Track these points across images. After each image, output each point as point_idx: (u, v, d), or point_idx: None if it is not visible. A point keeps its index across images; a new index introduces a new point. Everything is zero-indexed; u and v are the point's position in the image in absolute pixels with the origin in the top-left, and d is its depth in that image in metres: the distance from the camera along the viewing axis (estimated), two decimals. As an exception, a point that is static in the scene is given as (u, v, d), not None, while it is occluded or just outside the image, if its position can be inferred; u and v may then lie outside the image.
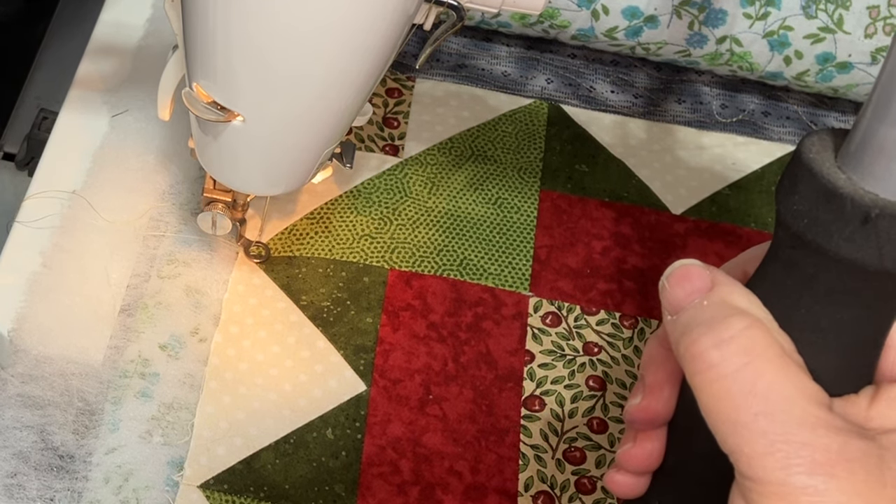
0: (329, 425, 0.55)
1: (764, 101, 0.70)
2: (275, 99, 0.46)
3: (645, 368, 0.41)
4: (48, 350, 0.55)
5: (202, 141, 0.52)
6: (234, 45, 0.44)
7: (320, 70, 0.45)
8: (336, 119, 0.49)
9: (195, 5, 0.44)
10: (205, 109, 0.47)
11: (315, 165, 0.53)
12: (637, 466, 0.40)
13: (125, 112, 0.64)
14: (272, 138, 0.49)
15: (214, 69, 0.46)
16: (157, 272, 0.59)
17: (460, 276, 0.60)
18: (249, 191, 0.55)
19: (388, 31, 0.44)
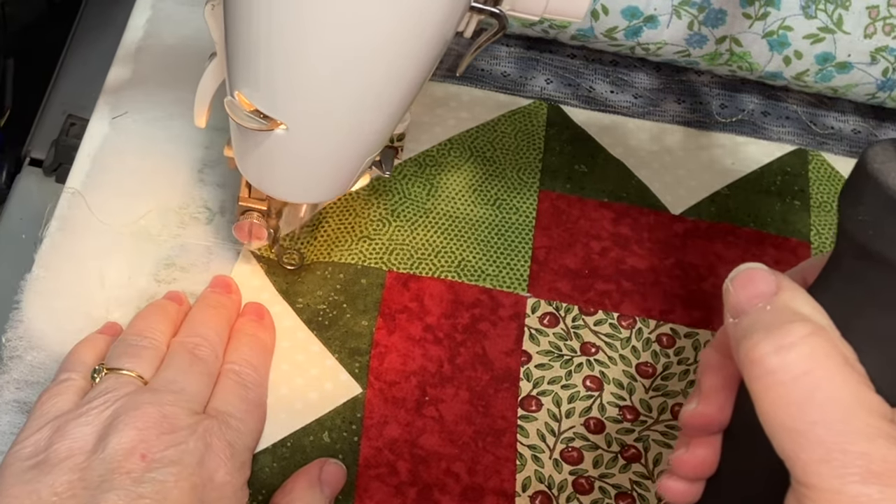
0: (325, 429, 0.55)
1: (763, 101, 0.70)
2: (319, 107, 0.46)
3: (701, 374, 0.40)
4: (42, 356, 0.56)
5: (242, 149, 0.52)
6: (278, 53, 0.44)
7: (365, 78, 0.44)
8: (379, 127, 0.49)
9: (238, 13, 0.44)
10: (247, 118, 0.47)
11: (357, 173, 0.53)
12: (690, 473, 0.40)
13: (125, 114, 0.64)
14: (315, 147, 0.49)
15: (257, 77, 0.46)
16: (155, 276, 0.59)
17: (458, 278, 0.61)
18: (291, 199, 0.54)
19: (433, 39, 0.43)
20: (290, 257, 0.60)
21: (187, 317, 0.55)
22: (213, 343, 0.54)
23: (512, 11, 0.46)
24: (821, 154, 0.69)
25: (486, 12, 0.45)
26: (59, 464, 0.46)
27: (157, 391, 0.49)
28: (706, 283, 0.63)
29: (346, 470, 0.53)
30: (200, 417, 0.49)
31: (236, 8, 0.44)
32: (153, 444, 0.47)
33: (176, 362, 0.52)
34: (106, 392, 0.49)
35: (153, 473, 0.46)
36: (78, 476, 0.45)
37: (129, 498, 0.44)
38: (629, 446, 0.57)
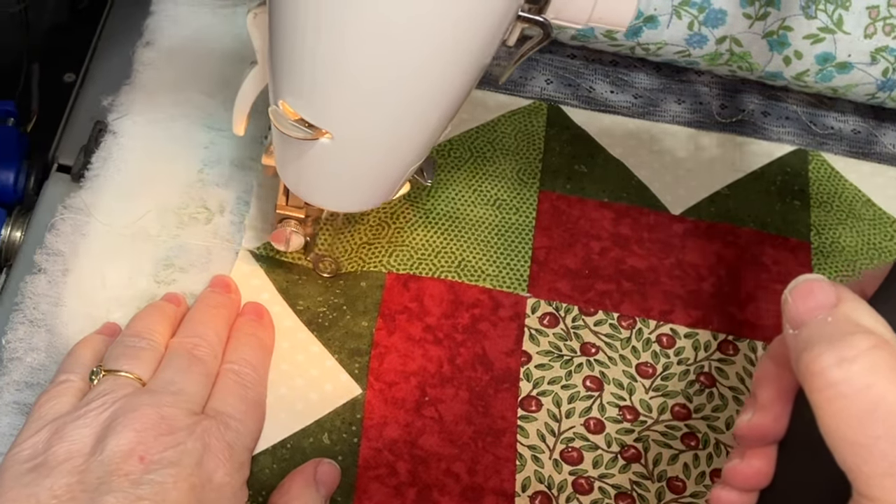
0: (325, 430, 0.55)
1: (763, 101, 0.70)
2: (365, 117, 0.46)
3: (757, 385, 0.40)
4: (42, 358, 0.56)
5: (285, 157, 0.52)
6: (324, 62, 0.43)
7: (412, 88, 0.44)
8: (425, 136, 0.49)
9: (284, 23, 0.44)
10: (292, 127, 0.47)
11: (401, 181, 0.53)
12: (744, 483, 0.40)
13: (125, 116, 0.64)
14: (361, 156, 0.49)
15: (303, 86, 0.45)
16: (154, 276, 0.59)
17: (458, 278, 0.61)
18: (334, 208, 0.54)
19: (480, 49, 0.43)
20: (326, 265, 0.60)
21: (186, 317, 0.55)
22: (212, 343, 0.54)
23: (556, 20, 0.46)
24: (821, 154, 0.69)
25: (531, 21, 0.45)
26: (57, 466, 0.46)
27: (155, 392, 0.49)
28: (706, 283, 0.63)
29: (340, 469, 0.54)
30: (199, 418, 0.49)
31: (282, 17, 0.43)
32: (151, 445, 0.47)
33: (174, 363, 0.52)
34: (104, 394, 0.49)
35: (152, 475, 0.46)
36: (76, 479, 0.45)
37: (128, 500, 0.44)
38: (629, 446, 0.57)
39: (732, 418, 0.58)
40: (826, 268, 0.64)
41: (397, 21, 0.41)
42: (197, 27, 0.68)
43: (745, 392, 0.59)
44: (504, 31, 0.44)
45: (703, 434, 0.58)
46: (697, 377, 0.59)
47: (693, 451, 0.57)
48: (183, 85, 0.66)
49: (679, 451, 0.57)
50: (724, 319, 0.61)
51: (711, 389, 0.59)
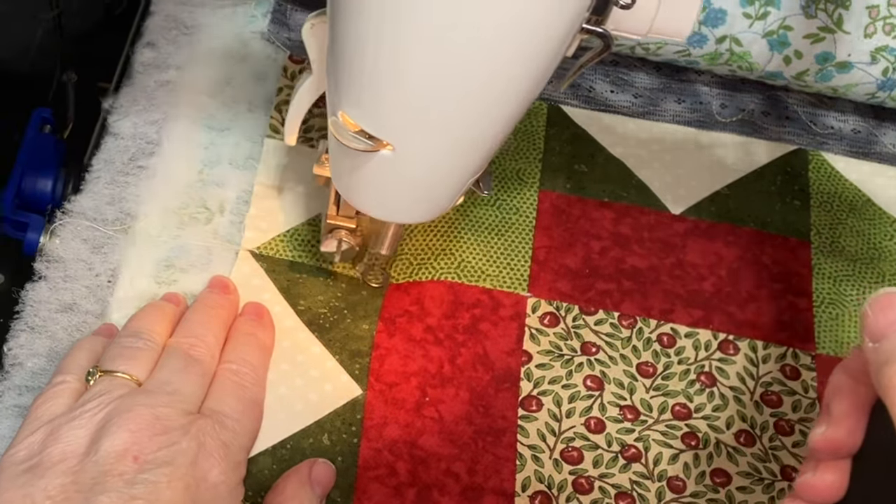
0: (325, 431, 0.55)
1: (763, 100, 0.70)
2: (427, 128, 0.46)
3: (831, 398, 0.40)
4: (43, 362, 0.56)
5: (343, 168, 0.52)
6: (387, 73, 0.43)
7: (476, 100, 0.44)
8: (487, 146, 0.48)
9: (345, 33, 0.43)
10: (352, 138, 0.46)
11: (460, 192, 0.53)
12: (817, 497, 0.39)
13: (125, 118, 0.64)
14: (422, 167, 0.49)
15: (364, 97, 0.45)
16: (155, 277, 0.59)
17: (458, 279, 0.61)
18: (393, 219, 0.54)
19: (545, 60, 0.43)
20: (375, 275, 0.60)
21: (184, 317, 0.55)
22: (209, 343, 0.54)
23: (616, 31, 0.46)
24: (821, 154, 0.69)
25: (592, 32, 0.44)
26: (52, 467, 0.46)
27: (150, 392, 0.49)
28: (706, 283, 0.63)
29: (335, 469, 0.54)
30: (194, 417, 0.49)
31: (344, 27, 0.43)
32: (145, 445, 0.47)
33: (171, 363, 0.52)
34: (99, 395, 0.49)
35: (146, 475, 0.46)
36: (71, 479, 0.45)
37: (122, 499, 0.44)
38: (629, 446, 0.57)
39: (733, 418, 0.58)
40: (826, 268, 0.64)
41: (463, 32, 0.40)
42: (197, 27, 0.68)
43: (745, 392, 0.59)
44: (569, 42, 0.44)
45: (703, 434, 0.58)
46: (698, 377, 0.59)
47: (693, 450, 0.57)
48: (183, 85, 0.66)
49: (679, 451, 0.57)
50: (725, 319, 0.61)
51: (712, 389, 0.59)
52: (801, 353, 0.61)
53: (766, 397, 0.59)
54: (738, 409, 0.59)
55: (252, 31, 0.69)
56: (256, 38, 0.69)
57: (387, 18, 0.41)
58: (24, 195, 0.63)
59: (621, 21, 0.45)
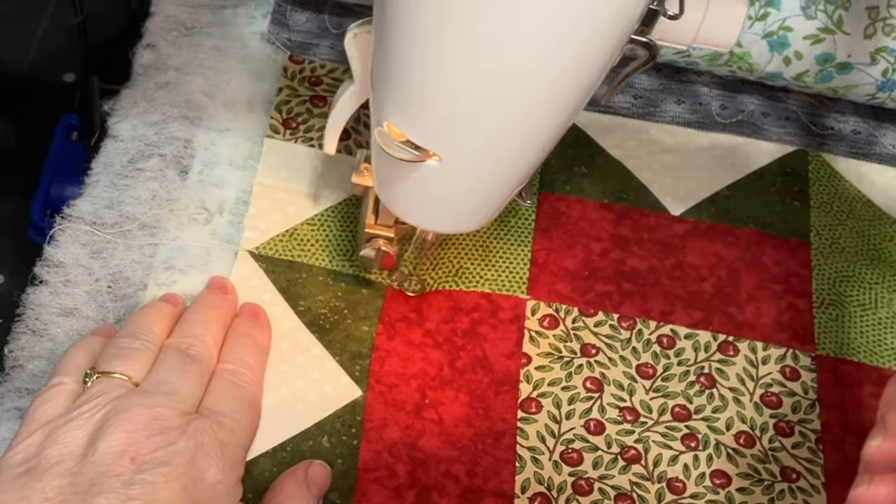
0: (325, 433, 0.55)
1: (763, 101, 0.70)
2: (476, 139, 0.46)
3: (886, 410, 0.39)
4: (44, 365, 0.56)
5: (387, 178, 0.51)
6: (435, 84, 0.43)
7: (526, 110, 0.44)
8: (533, 158, 0.48)
9: (392, 44, 0.43)
10: (399, 148, 0.46)
11: (505, 203, 0.52)
12: None
13: (124, 120, 0.64)
14: (468, 178, 0.49)
15: (411, 108, 0.45)
16: (154, 280, 0.59)
17: (456, 287, 0.61)
18: (436, 229, 0.54)
19: (594, 71, 0.43)
20: (412, 284, 0.60)
21: (182, 318, 0.55)
22: (207, 343, 0.54)
23: (661, 41, 0.46)
24: (821, 154, 0.69)
25: (637, 42, 0.44)
26: (49, 469, 0.46)
27: (147, 393, 0.49)
28: (706, 284, 0.63)
29: (330, 470, 0.54)
30: (191, 417, 0.49)
31: (390, 38, 0.43)
32: (143, 445, 0.47)
33: (168, 363, 0.52)
34: (97, 396, 0.49)
35: (143, 475, 0.46)
36: (68, 481, 0.45)
37: (120, 500, 0.45)
38: (629, 447, 0.57)
39: (732, 419, 0.58)
40: (826, 269, 0.64)
41: (515, 43, 0.40)
42: (197, 28, 0.68)
43: (745, 393, 0.59)
44: (618, 56, 0.44)
45: (703, 435, 0.58)
46: (697, 378, 0.59)
47: (693, 452, 0.57)
48: (182, 86, 0.65)
49: (679, 452, 0.57)
50: (725, 320, 0.61)
51: (712, 390, 0.59)
52: (801, 355, 0.61)
53: (766, 398, 0.59)
54: (738, 411, 0.59)
55: (252, 31, 0.69)
56: (256, 38, 0.69)
57: (436, 28, 0.41)
58: (53, 202, 0.64)
59: (666, 31, 0.45)
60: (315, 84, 0.67)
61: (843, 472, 0.57)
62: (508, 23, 0.39)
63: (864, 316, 0.63)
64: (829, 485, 0.57)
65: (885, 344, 0.62)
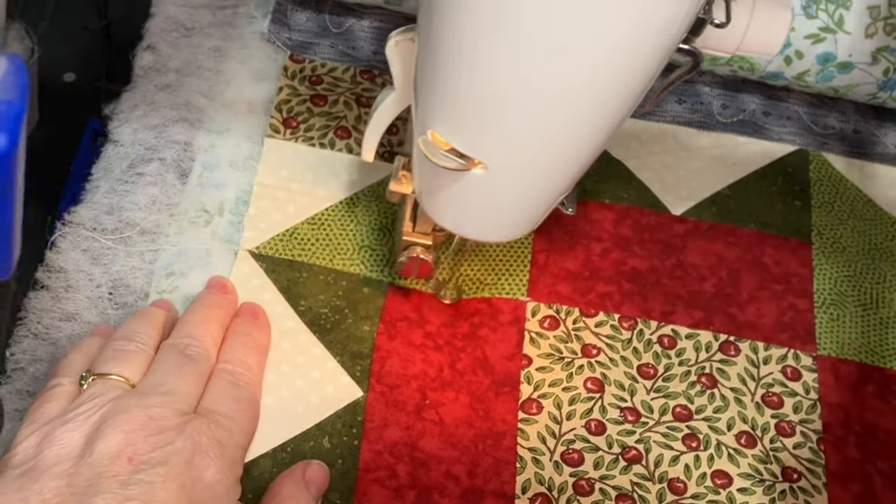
0: (326, 434, 0.55)
1: (764, 101, 0.70)
2: (522, 147, 0.45)
3: None
4: (45, 367, 0.56)
5: (430, 186, 0.51)
6: (483, 93, 0.43)
7: (574, 119, 0.44)
8: (579, 166, 0.48)
9: (438, 52, 0.43)
10: (444, 157, 0.46)
11: (549, 211, 0.52)
12: None
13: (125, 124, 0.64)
14: (514, 187, 0.49)
15: (457, 116, 0.45)
16: (156, 288, 0.59)
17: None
18: (479, 237, 0.54)
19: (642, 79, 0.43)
20: (448, 291, 0.60)
21: (181, 318, 0.55)
22: (205, 343, 0.54)
23: (705, 48, 0.45)
24: (822, 154, 0.69)
25: (682, 51, 0.44)
26: (47, 470, 0.46)
27: (144, 394, 0.49)
28: (707, 284, 0.63)
29: (328, 470, 0.54)
30: (189, 417, 0.49)
31: (436, 45, 0.43)
32: (140, 446, 0.47)
33: (165, 364, 0.52)
34: (94, 397, 0.49)
35: (140, 475, 0.46)
36: (66, 482, 0.45)
37: (117, 500, 0.45)
38: (630, 448, 0.57)
39: (734, 419, 0.58)
40: (827, 269, 0.64)
41: (563, 49, 0.40)
42: (196, 29, 0.68)
43: (746, 393, 0.59)
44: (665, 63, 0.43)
45: (704, 435, 0.58)
46: (699, 378, 0.59)
47: (694, 452, 0.57)
48: (182, 88, 0.65)
49: (680, 453, 0.57)
50: (726, 320, 0.61)
51: (713, 390, 0.59)
52: (802, 354, 0.61)
53: (767, 398, 0.59)
54: (739, 411, 0.59)
55: (252, 31, 0.69)
56: (256, 38, 0.68)
57: (485, 36, 0.41)
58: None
59: (710, 38, 0.45)
60: (315, 83, 0.67)
61: (845, 472, 0.57)
62: (559, 29, 0.39)
63: (866, 316, 0.63)
64: (831, 485, 0.57)
65: (886, 344, 0.62)
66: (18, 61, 0.34)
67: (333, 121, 0.66)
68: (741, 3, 0.45)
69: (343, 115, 0.66)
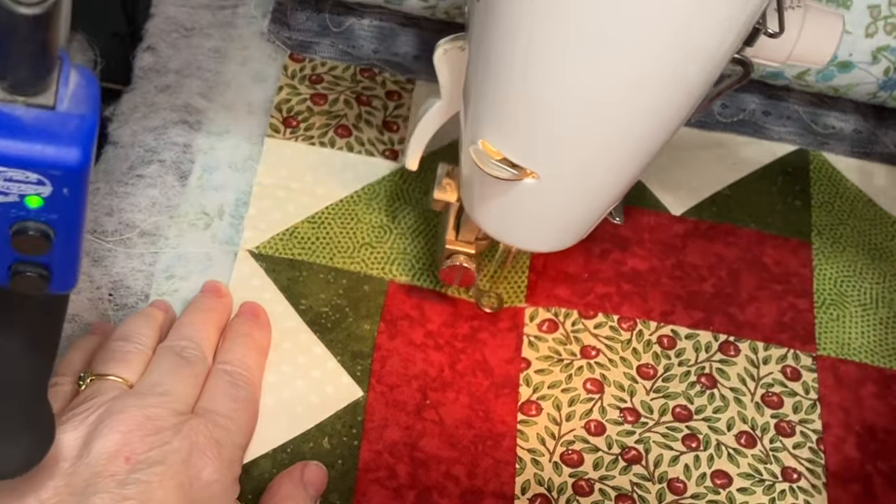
0: (326, 434, 0.55)
1: (764, 100, 0.70)
2: (577, 157, 0.45)
3: None
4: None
5: (480, 195, 0.51)
6: (537, 102, 0.43)
7: (629, 128, 0.44)
8: (632, 175, 0.48)
9: (490, 61, 0.43)
10: (495, 167, 0.46)
11: (599, 220, 0.52)
12: None
13: (124, 125, 0.64)
14: (566, 196, 0.48)
15: (509, 126, 0.45)
16: (156, 290, 0.59)
17: (457, 294, 0.61)
18: (528, 247, 0.54)
19: (698, 88, 0.43)
20: (489, 300, 0.60)
21: (176, 322, 0.56)
22: (201, 344, 0.54)
23: (755, 58, 0.45)
24: (822, 154, 0.69)
25: (733, 60, 0.44)
26: (44, 470, 0.46)
27: (141, 394, 0.49)
28: (707, 284, 0.63)
29: (326, 471, 0.54)
30: (186, 417, 0.49)
31: (488, 56, 0.43)
32: (137, 446, 0.47)
33: (161, 365, 0.52)
34: (91, 398, 0.49)
35: (137, 475, 0.46)
36: (64, 482, 0.46)
37: (114, 500, 0.45)
38: (630, 448, 0.57)
39: (733, 419, 0.58)
40: (827, 269, 0.64)
41: (616, 60, 0.40)
42: (196, 29, 0.68)
43: (746, 393, 0.59)
44: (718, 75, 0.43)
45: (704, 435, 0.58)
46: (698, 378, 0.59)
47: (694, 452, 0.57)
48: (182, 90, 0.65)
49: (680, 453, 0.57)
50: (726, 320, 0.61)
51: (712, 391, 0.59)
52: (802, 355, 0.61)
53: (767, 398, 0.59)
54: (739, 411, 0.59)
55: (251, 31, 0.69)
56: (256, 38, 0.68)
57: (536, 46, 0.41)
58: None
59: (761, 48, 0.45)
60: (316, 82, 0.67)
61: (844, 472, 0.57)
62: (615, 39, 0.39)
63: (866, 316, 0.63)
64: (831, 485, 0.57)
65: (886, 344, 0.62)
66: (89, 74, 0.34)
67: (334, 119, 0.66)
68: (792, 12, 0.45)
69: (343, 114, 0.66)
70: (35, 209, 0.33)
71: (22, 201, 0.33)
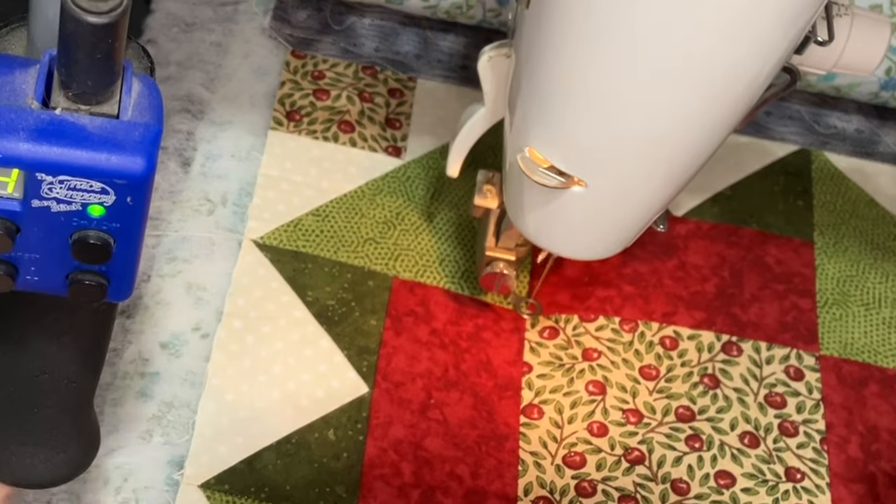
0: (331, 426, 0.55)
1: (766, 100, 0.70)
2: (625, 165, 0.45)
3: None
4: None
5: (524, 202, 0.51)
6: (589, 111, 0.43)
7: (678, 137, 0.44)
8: (681, 183, 0.48)
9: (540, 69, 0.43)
10: (543, 175, 0.46)
11: (643, 230, 0.52)
12: None
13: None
14: (613, 205, 0.48)
15: (558, 134, 0.45)
16: (157, 271, 0.59)
17: (461, 290, 0.61)
18: (574, 256, 0.54)
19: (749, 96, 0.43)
20: (527, 307, 0.60)
21: None
22: None
23: (801, 66, 0.45)
24: (824, 154, 0.69)
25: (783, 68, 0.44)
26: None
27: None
28: (709, 285, 0.62)
29: None
30: None
31: (538, 64, 0.43)
32: None
33: None
34: None
35: None
36: None
37: None
38: (632, 449, 0.57)
39: (737, 420, 0.58)
40: (829, 268, 0.64)
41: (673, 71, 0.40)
42: (197, 24, 0.68)
43: (749, 393, 0.59)
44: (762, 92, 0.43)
45: (707, 436, 0.58)
46: (701, 379, 0.59)
47: (697, 452, 0.57)
48: (183, 80, 0.65)
49: (683, 453, 0.57)
50: (728, 320, 0.61)
51: (715, 391, 0.59)
52: (805, 354, 0.61)
53: (770, 398, 0.59)
54: (742, 411, 0.58)
55: (253, 27, 0.68)
56: (257, 34, 0.68)
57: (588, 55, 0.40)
58: None
59: (808, 56, 0.45)
60: (318, 78, 0.67)
61: (848, 472, 0.57)
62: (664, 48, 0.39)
63: (868, 315, 0.63)
64: (834, 485, 0.57)
65: (889, 343, 0.62)
66: (152, 82, 0.34)
67: (336, 115, 0.65)
68: (840, 20, 0.45)
69: (346, 110, 0.66)
70: (97, 218, 0.33)
71: (84, 210, 0.33)
